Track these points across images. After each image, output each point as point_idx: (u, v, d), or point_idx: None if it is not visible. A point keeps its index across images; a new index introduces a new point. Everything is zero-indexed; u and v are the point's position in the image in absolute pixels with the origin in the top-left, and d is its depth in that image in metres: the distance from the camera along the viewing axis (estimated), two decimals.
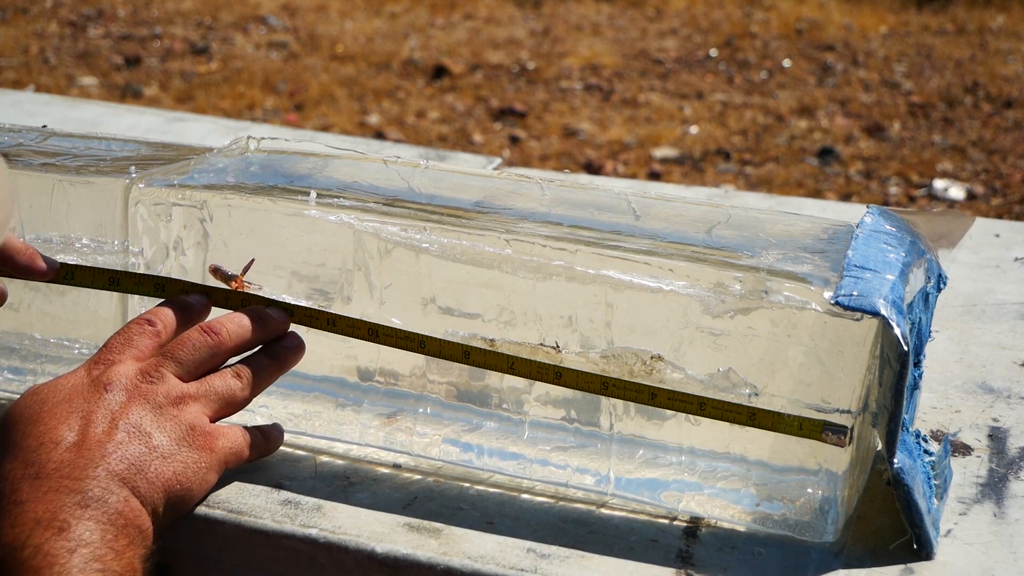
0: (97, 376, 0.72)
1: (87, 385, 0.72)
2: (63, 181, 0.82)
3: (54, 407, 0.70)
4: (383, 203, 0.79)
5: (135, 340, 0.75)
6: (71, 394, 0.71)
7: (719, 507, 0.73)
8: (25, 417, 0.70)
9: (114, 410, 0.70)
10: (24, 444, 0.68)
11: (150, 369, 0.73)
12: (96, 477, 0.66)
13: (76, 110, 1.71)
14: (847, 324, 0.68)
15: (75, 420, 0.69)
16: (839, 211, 1.38)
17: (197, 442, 0.72)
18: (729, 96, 4.47)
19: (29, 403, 0.71)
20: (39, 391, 0.72)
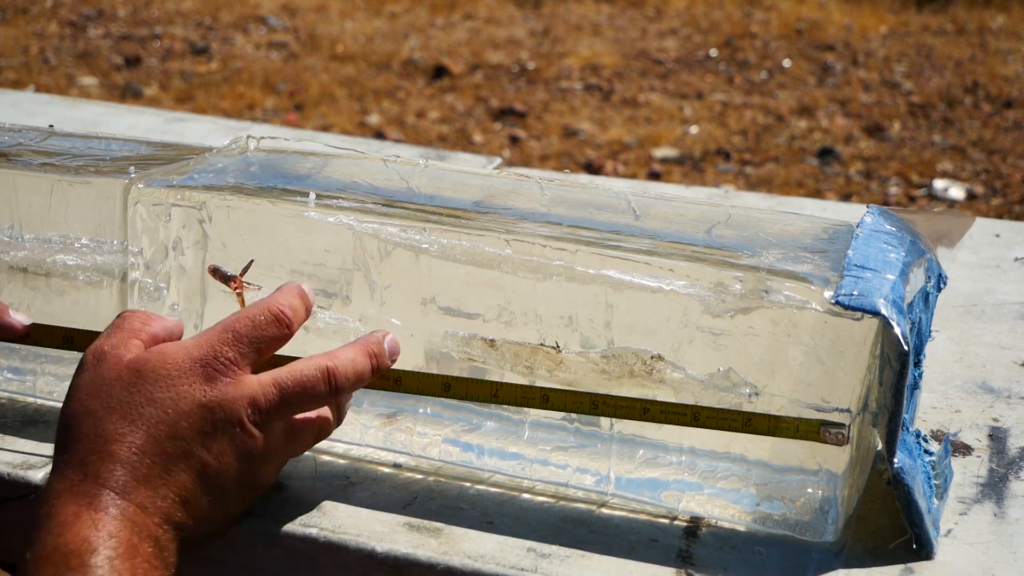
0: (212, 404, 0.65)
1: (200, 405, 0.65)
2: (62, 181, 0.82)
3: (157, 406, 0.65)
4: (383, 203, 0.79)
5: (265, 347, 0.69)
6: (178, 404, 0.65)
7: (719, 507, 0.73)
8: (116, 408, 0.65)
9: (208, 462, 0.65)
10: (112, 450, 0.64)
11: (258, 419, 0.67)
12: (150, 512, 0.63)
13: (76, 110, 1.71)
14: (847, 324, 0.68)
15: (188, 448, 0.64)
16: (839, 211, 1.38)
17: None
18: (729, 96, 4.47)
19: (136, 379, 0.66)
20: (155, 370, 0.66)
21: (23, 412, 0.85)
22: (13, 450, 0.79)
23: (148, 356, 0.67)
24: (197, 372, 0.66)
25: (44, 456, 0.78)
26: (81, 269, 0.82)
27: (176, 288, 0.81)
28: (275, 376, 0.68)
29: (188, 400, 0.65)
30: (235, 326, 0.68)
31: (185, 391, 0.65)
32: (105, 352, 0.68)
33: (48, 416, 0.84)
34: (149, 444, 0.64)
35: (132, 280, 0.81)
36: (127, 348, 0.68)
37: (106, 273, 0.82)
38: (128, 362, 0.67)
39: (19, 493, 0.76)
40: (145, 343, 0.69)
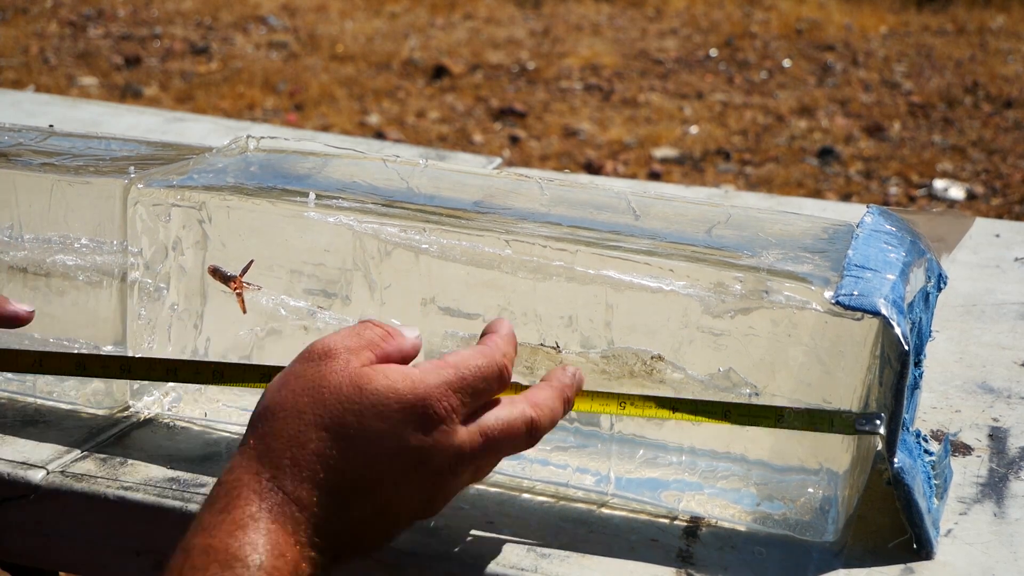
0: (420, 451, 0.62)
1: (407, 449, 0.62)
2: (62, 181, 0.82)
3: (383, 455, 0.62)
4: (382, 203, 0.79)
5: (482, 398, 0.66)
6: (386, 442, 0.62)
7: (719, 507, 0.73)
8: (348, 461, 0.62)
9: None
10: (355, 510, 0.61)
11: (457, 468, 0.64)
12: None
13: (76, 110, 1.71)
14: (848, 324, 0.68)
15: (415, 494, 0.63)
16: (839, 211, 1.38)
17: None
18: (729, 96, 4.47)
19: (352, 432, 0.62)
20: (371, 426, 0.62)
21: (23, 412, 0.85)
22: (11, 454, 0.79)
23: (374, 375, 0.63)
24: (416, 413, 0.62)
25: (44, 456, 0.78)
26: (81, 269, 0.82)
27: (176, 288, 0.81)
28: (483, 427, 0.64)
29: (398, 441, 0.62)
30: (463, 372, 0.64)
31: (398, 430, 0.62)
32: (335, 351, 0.64)
33: (48, 416, 0.84)
34: (344, 470, 0.61)
35: (132, 280, 0.81)
36: (358, 356, 0.64)
37: (106, 273, 0.82)
38: (353, 371, 0.63)
39: (19, 493, 0.76)
40: (377, 358, 0.65)
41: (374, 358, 0.65)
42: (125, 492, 0.74)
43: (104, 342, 0.83)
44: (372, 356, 0.65)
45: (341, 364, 0.64)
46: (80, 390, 0.84)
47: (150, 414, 0.84)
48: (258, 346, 0.80)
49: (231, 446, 0.80)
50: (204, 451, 0.80)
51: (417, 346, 0.68)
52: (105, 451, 0.79)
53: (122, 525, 0.74)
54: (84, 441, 0.81)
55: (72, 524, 0.76)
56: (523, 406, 0.66)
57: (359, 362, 0.64)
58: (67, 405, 0.85)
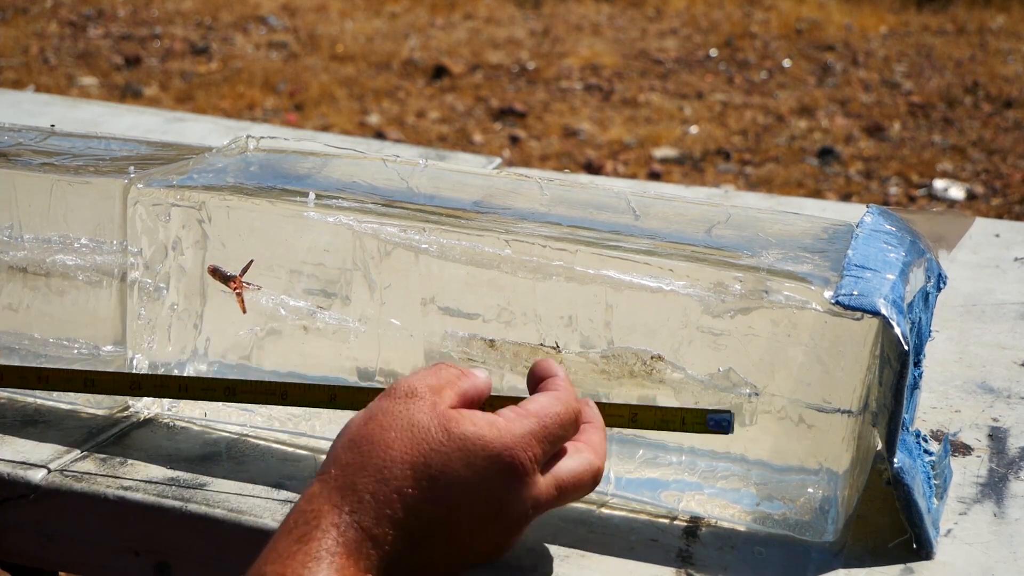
0: (502, 500, 0.63)
1: (489, 498, 0.62)
2: (62, 181, 0.82)
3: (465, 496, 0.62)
4: (382, 203, 0.79)
5: (558, 448, 0.66)
6: (471, 489, 0.62)
7: (719, 507, 0.73)
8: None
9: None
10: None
11: (532, 515, 0.65)
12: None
13: (76, 110, 1.71)
14: (847, 324, 0.68)
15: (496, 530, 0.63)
16: (839, 211, 1.38)
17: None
18: (729, 96, 4.47)
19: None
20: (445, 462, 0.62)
21: (23, 412, 0.85)
22: (11, 454, 0.79)
23: (461, 419, 0.63)
24: (503, 462, 0.62)
25: (44, 456, 0.78)
26: (81, 269, 0.82)
27: (176, 288, 0.81)
28: (557, 478, 0.65)
29: (482, 490, 0.62)
30: (545, 421, 0.64)
31: (483, 478, 0.62)
32: (419, 391, 0.64)
33: (48, 416, 0.84)
34: (423, 512, 0.61)
35: (132, 280, 0.81)
36: (441, 396, 0.65)
37: (106, 273, 0.82)
38: (441, 413, 0.63)
39: (19, 493, 0.76)
40: (458, 397, 0.66)
41: (455, 398, 0.65)
42: (125, 492, 0.74)
43: (104, 342, 0.83)
44: (454, 396, 0.65)
45: (428, 405, 0.64)
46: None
47: (150, 414, 0.84)
48: (258, 346, 0.80)
49: (231, 446, 0.80)
50: (204, 451, 0.80)
51: (490, 385, 0.69)
52: (105, 451, 0.79)
53: (122, 525, 0.74)
54: (84, 441, 0.81)
55: (72, 524, 0.76)
56: (589, 456, 0.66)
57: (445, 403, 0.64)
58: (67, 405, 0.85)
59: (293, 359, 0.80)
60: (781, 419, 0.71)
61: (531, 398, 0.66)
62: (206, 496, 0.74)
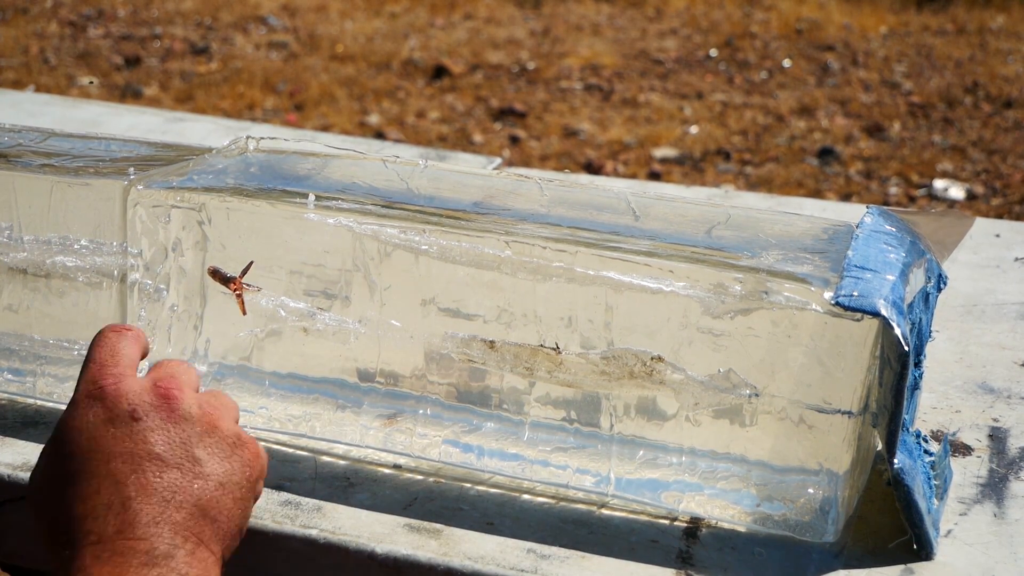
0: (112, 405, 0.65)
1: (104, 420, 0.64)
2: (62, 182, 0.82)
3: (85, 463, 0.63)
4: (382, 204, 0.79)
5: (122, 349, 0.68)
6: (95, 439, 0.64)
7: (719, 507, 0.73)
8: (61, 481, 0.63)
9: (152, 442, 0.64)
10: (74, 512, 0.62)
11: (170, 383, 0.67)
12: (159, 535, 0.61)
13: (76, 110, 1.71)
14: (847, 324, 0.68)
15: (117, 470, 0.62)
16: (839, 211, 1.38)
17: (244, 454, 0.67)
18: (729, 96, 4.47)
19: (56, 468, 0.64)
20: (57, 450, 0.65)
21: (23, 413, 0.85)
22: (11, 456, 0.79)
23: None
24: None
25: None
26: (81, 270, 0.82)
27: (176, 289, 0.81)
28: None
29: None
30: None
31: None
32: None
33: (48, 417, 0.84)
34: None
35: (131, 281, 0.81)
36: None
37: (105, 274, 0.82)
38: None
39: (19, 495, 0.76)
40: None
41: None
42: None
43: None
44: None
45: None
46: None
47: None
48: (258, 347, 0.80)
49: None
50: None
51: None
52: None
53: None
54: None
55: None
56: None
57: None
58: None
59: (293, 360, 0.80)
60: (781, 420, 0.71)
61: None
62: None
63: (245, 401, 0.81)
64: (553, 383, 0.74)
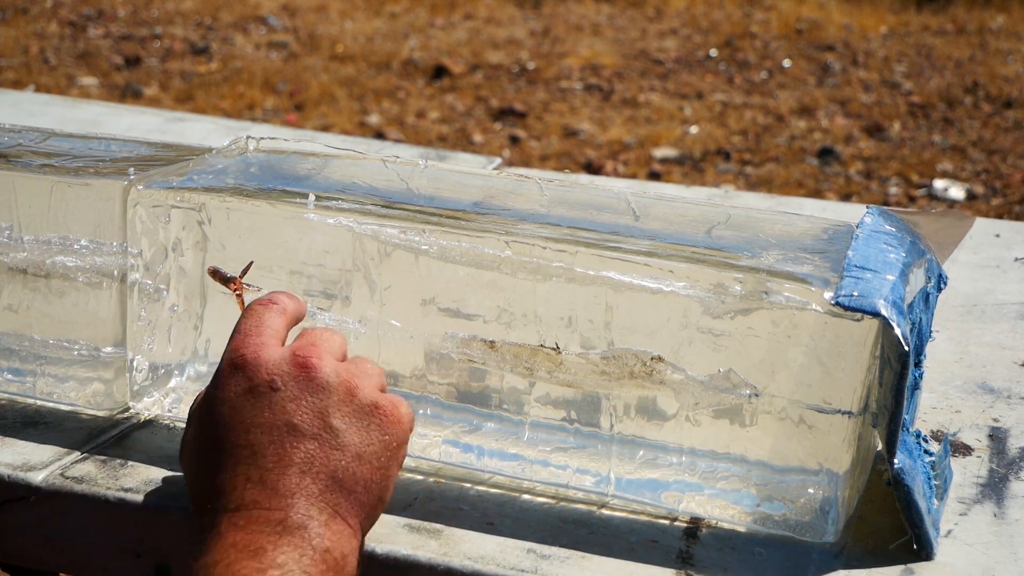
0: (252, 375, 0.65)
1: (244, 391, 0.65)
2: (62, 182, 0.82)
3: (227, 433, 0.64)
4: (382, 205, 0.79)
5: (267, 319, 0.69)
6: (236, 410, 0.65)
7: (719, 507, 0.73)
8: (204, 450, 0.65)
9: (290, 413, 0.64)
10: (215, 480, 0.63)
11: (309, 351, 0.67)
12: (294, 506, 0.61)
13: (76, 110, 1.71)
14: (847, 325, 0.68)
15: (256, 441, 0.63)
16: (839, 211, 1.38)
17: (385, 419, 0.66)
18: (729, 96, 4.47)
19: (200, 437, 0.66)
20: (201, 419, 0.66)
21: (23, 413, 0.85)
22: (11, 456, 0.79)
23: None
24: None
25: (44, 458, 0.78)
26: (81, 270, 0.82)
27: (176, 289, 0.81)
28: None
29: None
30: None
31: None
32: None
33: (48, 417, 0.84)
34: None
35: (131, 281, 0.81)
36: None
37: (105, 274, 0.82)
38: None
39: (19, 495, 0.76)
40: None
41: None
42: (125, 494, 0.74)
43: (104, 343, 0.83)
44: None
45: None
46: (80, 391, 0.84)
47: (150, 415, 0.84)
48: None
49: None
50: None
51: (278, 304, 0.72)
52: (105, 453, 0.79)
53: (122, 526, 0.74)
54: (84, 443, 0.81)
55: (72, 526, 0.76)
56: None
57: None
58: (67, 406, 0.85)
59: None
60: (781, 420, 0.71)
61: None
62: None
63: None
64: (553, 383, 0.74)
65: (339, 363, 0.68)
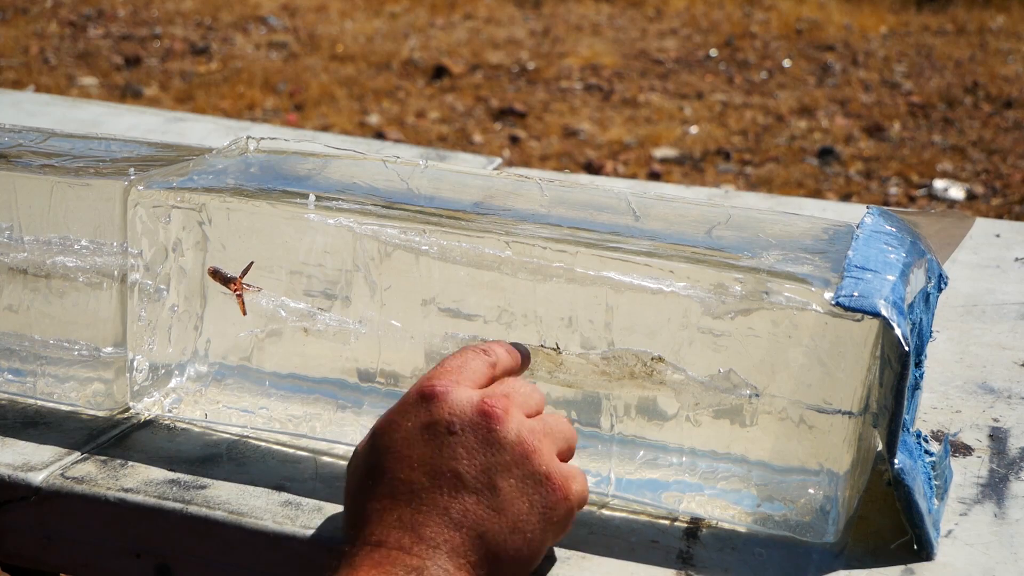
0: (435, 410, 0.63)
1: (422, 425, 0.63)
2: (62, 183, 0.82)
3: (393, 463, 0.62)
4: (382, 205, 0.79)
5: (472, 363, 0.66)
6: (407, 442, 0.63)
7: (720, 508, 0.73)
8: (366, 471, 0.63)
9: (459, 460, 0.62)
10: (367, 506, 0.62)
11: (498, 403, 0.63)
12: (434, 557, 0.59)
13: (76, 110, 1.71)
14: (848, 325, 0.68)
15: (417, 481, 0.61)
16: (839, 211, 1.38)
17: (552, 494, 0.63)
18: (729, 96, 4.47)
19: (368, 456, 0.64)
20: (374, 440, 0.64)
21: (24, 414, 0.85)
22: (11, 456, 0.79)
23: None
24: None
25: (44, 458, 0.78)
26: (81, 271, 0.82)
27: (176, 290, 0.81)
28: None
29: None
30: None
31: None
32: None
33: (48, 418, 0.84)
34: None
35: (132, 282, 0.81)
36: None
37: (106, 275, 0.82)
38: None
39: (20, 495, 0.76)
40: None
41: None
42: (126, 494, 0.74)
43: (104, 343, 0.83)
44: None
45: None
46: (80, 392, 0.84)
47: (150, 416, 0.84)
48: (258, 347, 0.80)
49: (231, 447, 0.80)
50: (204, 453, 0.80)
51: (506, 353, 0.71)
52: (105, 453, 0.79)
53: (123, 527, 0.74)
54: (84, 443, 0.81)
55: (73, 526, 0.76)
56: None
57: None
58: (67, 407, 0.85)
59: (293, 361, 0.80)
60: (782, 420, 0.71)
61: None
62: (207, 498, 0.74)
63: (245, 401, 0.81)
64: (553, 383, 0.74)
65: (526, 420, 0.64)
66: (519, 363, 0.70)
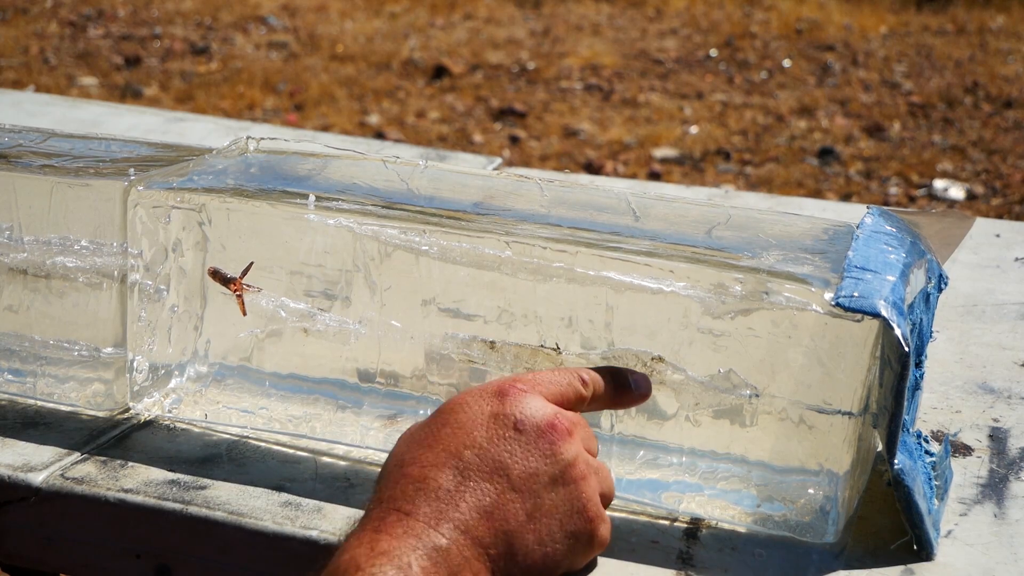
0: (507, 405, 0.64)
1: (491, 414, 0.64)
2: (62, 183, 0.82)
3: (450, 437, 0.63)
4: (383, 205, 0.79)
5: (559, 380, 0.67)
6: (471, 422, 0.64)
7: (720, 508, 0.73)
8: (422, 438, 0.64)
9: (512, 457, 0.63)
10: (410, 469, 0.63)
11: (567, 423, 0.65)
12: (458, 541, 0.60)
13: (76, 110, 1.71)
14: (848, 325, 0.68)
15: (468, 461, 0.62)
16: (839, 211, 1.38)
17: (584, 525, 0.64)
18: (729, 96, 4.47)
19: (429, 425, 0.65)
20: (440, 415, 0.65)
21: (24, 414, 0.85)
22: (12, 457, 0.79)
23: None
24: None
25: (45, 459, 0.78)
26: (81, 271, 0.82)
27: (176, 290, 0.81)
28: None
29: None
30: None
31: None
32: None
33: (49, 418, 0.84)
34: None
35: (132, 282, 0.81)
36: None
37: (106, 275, 0.82)
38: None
39: (20, 496, 0.76)
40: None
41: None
42: (126, 494, 0.74)
43: (104, 344, 0.83)
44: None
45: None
46: (80, 392, 0.84)
47: (150, 416, 0.84)
48: (258, 348, 0.80)
49: (231, 448, 0.80)
50: (204, 453, 0.80)
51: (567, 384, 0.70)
52: (106, 453, 0.79)
53: (123, 527, 0.74)
54: (85, 443, 0.81)
55: (73, 526, 0.76)
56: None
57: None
58: (67, 407, 0.85)
59: (293, 361, 0.80)
60: (782, 420, 0.71)
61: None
62: (207, 498, 0.74)
63: (245, 401, 0.81)
64: None
65: (585, 452, 0.66)
66: (608, 397, 0.70)
